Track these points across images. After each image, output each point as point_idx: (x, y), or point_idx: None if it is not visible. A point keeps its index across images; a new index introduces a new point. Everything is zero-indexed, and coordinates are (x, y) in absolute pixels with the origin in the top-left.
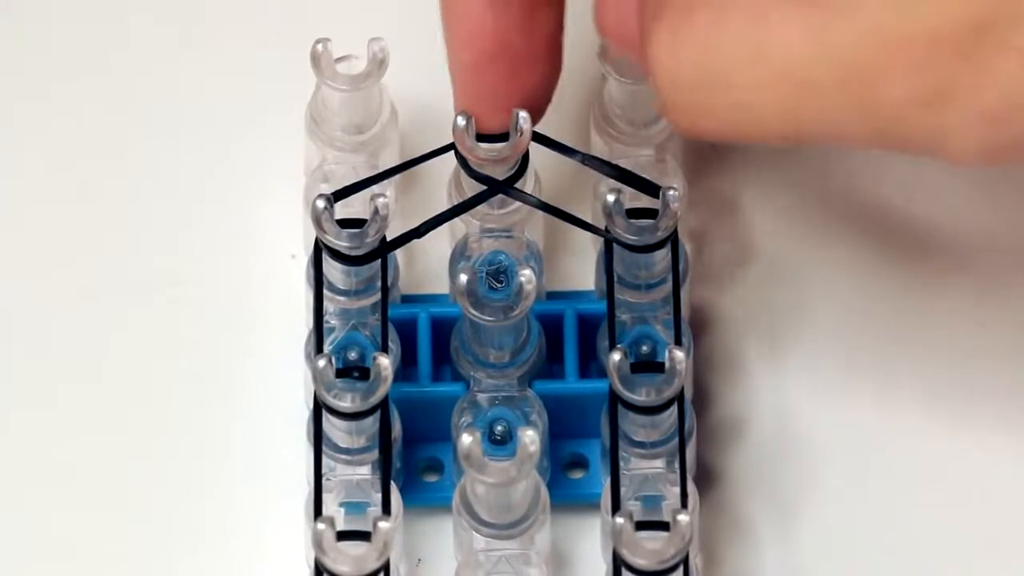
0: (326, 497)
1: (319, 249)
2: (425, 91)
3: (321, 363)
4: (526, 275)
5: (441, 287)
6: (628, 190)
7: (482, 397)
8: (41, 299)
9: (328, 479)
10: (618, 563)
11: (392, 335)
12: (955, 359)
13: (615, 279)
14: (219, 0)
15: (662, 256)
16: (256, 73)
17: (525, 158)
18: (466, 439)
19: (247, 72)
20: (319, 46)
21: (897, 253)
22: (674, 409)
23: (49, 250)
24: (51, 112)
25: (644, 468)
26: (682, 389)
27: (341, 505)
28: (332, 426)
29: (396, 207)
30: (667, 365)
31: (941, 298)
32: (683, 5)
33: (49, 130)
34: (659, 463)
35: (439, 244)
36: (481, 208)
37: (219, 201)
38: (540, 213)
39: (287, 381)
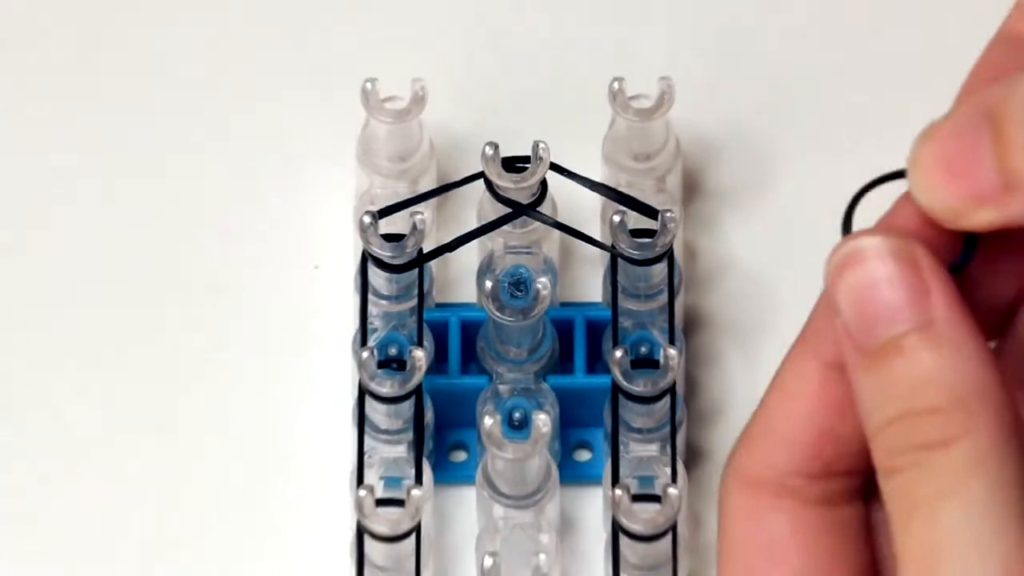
0: (368, 472)
1: (365, 259)
2: (459, 126)
3: (365, 355)
4: (542, 282)
5: (470, 296)
6: (631, 212)
7: (503, 388)
8: (103, 300)
9: (370, 456)
10: (616, 530)
11: (427, 335)
12: None
13: (619, 289)
14: (280, 42)
15: (660, 269)
16: (311, 109)
17: (544, 185)
18: (488, 421)
19: (304, 107)
20: (368, 84)
21: None
22: (667, 399)
23: (121, 255)
24: (113, 126)
25: (640, 452)
26: (675, 383)
27: (381, 478)
28: (373, 410)
29: (432, 225)
30: (662, 361)
31: None
32: None
33: (109, 143)
34: (654, 447)
35: (468, 258)
36: (505, 227)
37: (280, 219)
38: (556, 232)
39: (337, 375)
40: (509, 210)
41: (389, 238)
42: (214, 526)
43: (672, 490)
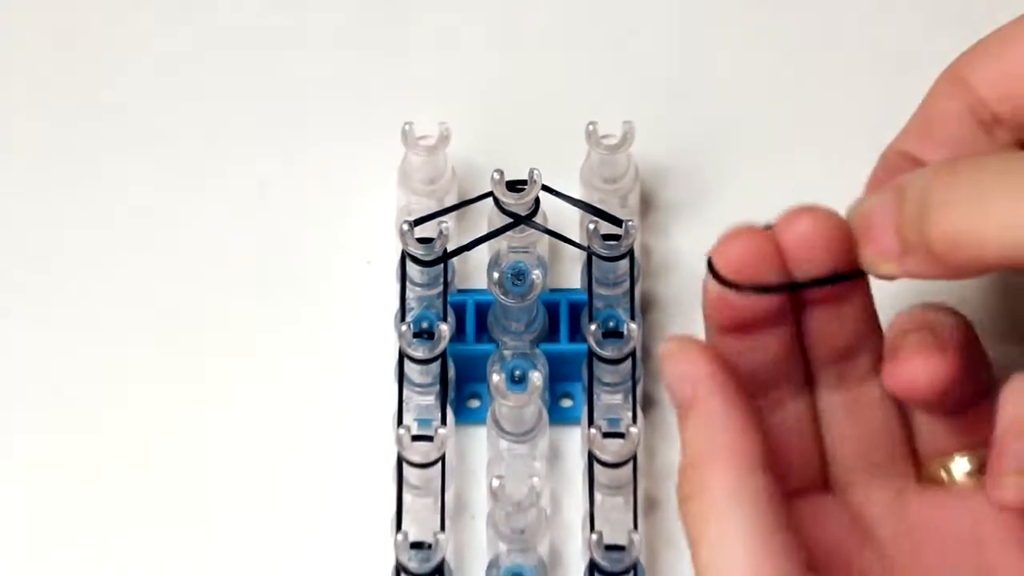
0: (405, 415)
1: (404, 256)
2: (474, 158)
3: (403, 328)
4: (536, 275)
5: (482, 284)
6: (602, 222)
7: (507, 353)
8: (170, 298)
9: (407, 403)
10: (591, 459)
11: (450, 313)
12: None
13: (593, 279)
14: (342, 95)
15: (623, 264)
16: (364, 145)
17: (537, 201)
18: (495, 377)
19: (359, 144)
20: (407, 126)
21: None
22: (629, 361)
23: (201, 244)
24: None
25: (609, 400)
26: (635, 349)
27: (415, 420)
28: (410, 369)
29: (454, 231)
30: (625, 333)
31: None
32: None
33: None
34: (619, 397)
35: (481, 256)
36: (508, 233)
37: (339, 227)
38: (546, 236)
39: (383, 343)
40: (511, 220)
41: (422, 241)
42: (287, 457)
43: (633, 429)
